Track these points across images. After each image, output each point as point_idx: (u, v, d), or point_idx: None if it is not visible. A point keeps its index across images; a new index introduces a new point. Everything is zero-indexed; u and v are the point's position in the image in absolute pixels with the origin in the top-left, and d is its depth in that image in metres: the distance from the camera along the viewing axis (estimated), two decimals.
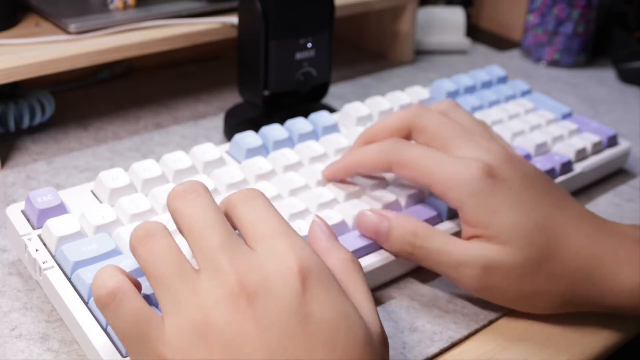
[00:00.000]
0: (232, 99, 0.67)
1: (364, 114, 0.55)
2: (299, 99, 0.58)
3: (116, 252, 0.39)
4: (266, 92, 0.56)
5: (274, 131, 0.51)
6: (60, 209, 0.42)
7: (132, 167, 0.46)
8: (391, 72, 0.76)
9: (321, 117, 0.53)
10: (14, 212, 0.43)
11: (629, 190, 0.57)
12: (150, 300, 0.36)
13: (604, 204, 0.55)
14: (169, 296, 0.31)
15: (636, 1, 0.80)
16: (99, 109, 0.64)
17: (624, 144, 0.58)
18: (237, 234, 0.34)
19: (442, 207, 0.46)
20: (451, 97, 0.61)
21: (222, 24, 0.60)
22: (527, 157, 0.53)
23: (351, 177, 0.47)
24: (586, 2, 0.76)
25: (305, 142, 0.51)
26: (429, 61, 0.79)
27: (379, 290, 0.44)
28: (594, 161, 0.55)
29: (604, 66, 0.81)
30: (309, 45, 0.55)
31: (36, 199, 0.42)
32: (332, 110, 0.60)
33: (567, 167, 0.53)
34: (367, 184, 0.47)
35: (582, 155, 0.55)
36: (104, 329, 0.36)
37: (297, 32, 0.54)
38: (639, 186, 0.57)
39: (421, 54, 0.81)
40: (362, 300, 0.34)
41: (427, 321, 0.42)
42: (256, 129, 0.51)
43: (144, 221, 0.34)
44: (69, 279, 0.38)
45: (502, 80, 0.65)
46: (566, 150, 0.54)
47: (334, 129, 0.53)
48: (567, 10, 0.76)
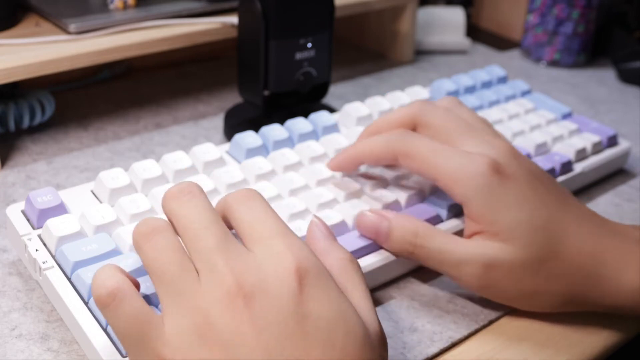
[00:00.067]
0: (232, 99, 0.67)
1: (364, 114, 0.55)
2: (299, 99, 0.58)
3: (116, 252, 0.39)
4: (266, 92, 0.56)
5: (274, 131, 0.51)
6: (60, 209, 0.42)
7: (132, 167, 0.46)
8: (391, 72, 0.76)
9: (321, 117, 0.53)
10: (14, 212, 0.43)
11: (629, 190, 0.57)
12: (149, 300, 0.36)
13: (604, 204, 0.55)
14: (170, 295, 0.31)
15: (636, 1, 0.80)
16: (99, 109, 0.64)
17: (624, 144, 0.58)
18: (233, 233, 0.34)
19: (442, 207, 0.46)
20: None
21: (222, 24, 0.60)
22: (527, 157, 0.53)
23: (356, 169, 0.47)
24: (586, 2, 0.76)
25: (305, 142, 0.51)
26: (429, 61, 0.79)
27: (379, 290, 0.44)
28: (594, 161, 0.55)
29: (604, 66, 0.81)
30: (309, 45, 0.55)
31: (36, 199, 0.42)
32: (332, 110, 0.60)
33: (567, 167, 0.53)
34: (367, 184, 0.47)
35: (582, 155, 0.55)
36: (104, 329, 0.36)
37: (297, 32, 0.54)
38: (639, 186, 0.57)
39: (421, 54, 0.81)
40: (360, 299, 0.34)
41: (427, 321, 0.42)
42: (256, 129, 0.51)
43: (148, 217, 0.34)
44: (69, 279, 0.38)
45: (502, 80, 0.65)
46: (566, 150, 0.54)
47: (334, 129, 0.53)
48: (567, 10, 0.76)
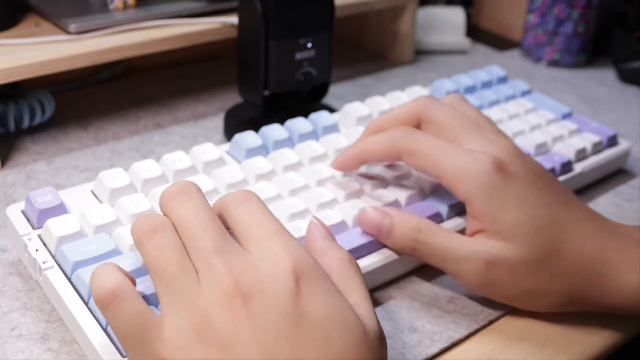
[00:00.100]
0: (232, 99, 0.67)
1: (364, 114, 0.55)
2: (299, 99, 0.58)
3: (116, 252, 0.39)
4: (266, 92, 0.56)
5: (274, 131, 0.51)
6: (60, 209, 0.42)
7: (132, 167, 0.46)
8: (391, 72, 0.76)
9: (321, 117, 0.53)
10: (14, 212, 0.43)
11: (629, 190, 0.57)
12: (149, 300, 0.36)
13: (604, 204, 0.55)
14: (169, 294, 0.31)
15: (636, 1, 0.80)
16: (99, 109, 0.64)
17: (624, 144, 0.58)
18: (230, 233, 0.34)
19: (443, 206, 0.46)
20: None
21: (222, 24, 0.60)
22: (531, 157, 0.53)
23: (359, 168, 0.47)
24: (586, 2, 0.76)
25: (305, 142, 0.51)
26: (429, 61, 0.79)
27: (379, 290, 0.44)
28: (594, 161, 0.55)
29: (604, 66, 0.81)
30: (309, 45, 0.55)
31: (36, 199, 0.42)
32: (332, 110, 0.60)
33: (567, 167, 0.53)
34: (367, 184, 0.47)
35: (582, 155, 0.55)
36: (104, 329, 0.36)
37: (297, 32, 0.54)
38: (639, 186, 0.57)
39: (421, 54, 0.81)
40: (359, 299, 0.34)
41: (427, 321, 0.42)
42: (256, 129, 0.51)
43: (148, 214, 0.34)
44: (69, 279, 0.38)
45: (502, 80, 0.65)
46: (566, 150, 0.54)
47: (334, 129, 0.53)
48: (567, 10, 0.76)
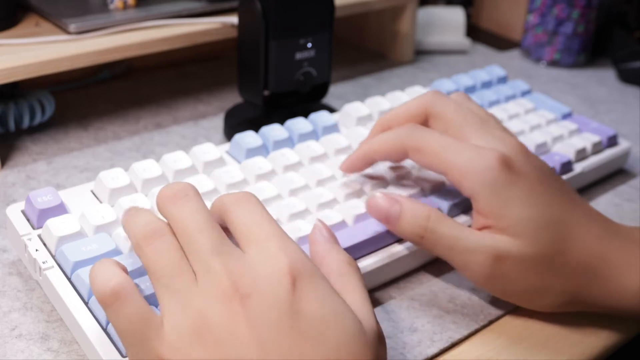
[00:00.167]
0: (232, 99, 0.67)
1: (364, 114, 0.55)
2: (299, 99, 0.58)
3: (116, 252, 0.39)
4: (266, 92, 0.56)
5: (274, 131, 0.51)
6: (60, 209, 0.42)
7: (132, 167, 0.46)
8: (391, 72, 0.76)
9: (321, 117, 0.53)
10: (14, 212, 0.43)
11: (629, 190, 0.57)
12: (149, 300, 0.36)
13: (604, 204, 0.55)
14: (168, 295, 0.31)
15: (636, 1, 0.80)
16: (99, 109, 0.64)
17: (624, 144, 0.58)
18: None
19: (443, 206, 0.46)
20: None
21: (222, 24, 0.60)
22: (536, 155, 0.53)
23: (368, 168, 0.47)
24: (586, 2, 0.76)
25: (305, 142, 0.51)
26: (429, 61, 0.79)
27: (379, 290, 0.44)
28: (594, 161, 0.55)
29: (604, 66, 0.81)
30: (309, 45, 0.55)
31: (36, 199, 0.42)
32: (332, 110, 0.60)
33: (567, 167, 0.53)
34: (367, 184, 0.47)
35: (582, 155, 0.55)
36: (104, 329, 0.36)
37: (297, 32, 0.54)
38: (639, 186, 0.57)
39: (421, 54, 0.81)
40: (358, 300, 0.34)
41: (427, 321, 0.42)
42: (256, 129, 0.51)
43: (147, 217, 0.34)
44: (69, 279, 0.38)
45: (502, 80, 0.65)
46: (566, 150, 0.54)
47: (334, 129, 0.53)
48: (567, 10, 0.76)
